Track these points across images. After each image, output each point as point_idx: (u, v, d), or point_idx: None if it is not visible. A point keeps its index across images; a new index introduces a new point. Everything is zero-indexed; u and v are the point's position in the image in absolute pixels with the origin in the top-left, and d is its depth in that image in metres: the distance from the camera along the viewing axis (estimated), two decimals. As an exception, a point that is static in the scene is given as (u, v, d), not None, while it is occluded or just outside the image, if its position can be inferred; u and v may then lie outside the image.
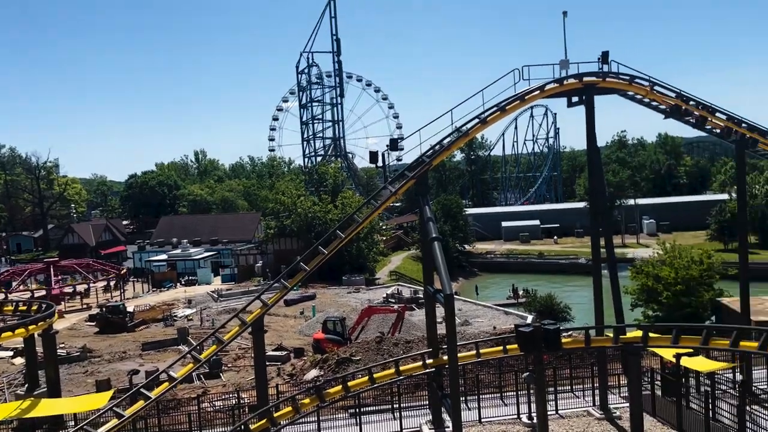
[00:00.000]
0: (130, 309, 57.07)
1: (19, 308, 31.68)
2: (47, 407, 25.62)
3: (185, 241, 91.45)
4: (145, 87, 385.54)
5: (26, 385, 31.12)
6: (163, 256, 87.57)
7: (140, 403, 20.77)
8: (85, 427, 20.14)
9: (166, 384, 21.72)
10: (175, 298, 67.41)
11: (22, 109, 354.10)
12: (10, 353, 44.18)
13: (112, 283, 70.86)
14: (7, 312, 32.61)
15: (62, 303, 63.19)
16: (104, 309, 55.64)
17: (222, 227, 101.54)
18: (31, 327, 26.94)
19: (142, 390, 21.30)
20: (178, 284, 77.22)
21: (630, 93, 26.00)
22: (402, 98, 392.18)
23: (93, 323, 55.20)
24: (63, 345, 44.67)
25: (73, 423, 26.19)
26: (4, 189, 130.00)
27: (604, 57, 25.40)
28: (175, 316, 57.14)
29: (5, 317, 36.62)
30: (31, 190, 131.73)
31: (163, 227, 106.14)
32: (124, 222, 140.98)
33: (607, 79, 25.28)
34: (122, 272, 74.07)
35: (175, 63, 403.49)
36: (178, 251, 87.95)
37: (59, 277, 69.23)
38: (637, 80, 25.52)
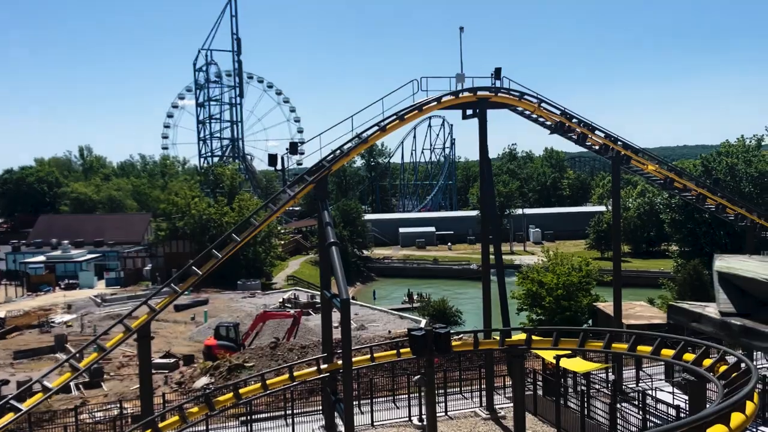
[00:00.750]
0: (1, 314, 52.70)
1: None
2: None
3: (66, 242, 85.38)
4: (25, 74, 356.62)
5: None
6: (41, 258, 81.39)
7: (10, 416, 19.18)
8: (-58, 444, 18.33)
9: (40, 395, 20.20)
10: (54, 303, 62.89)
11: None
12: None
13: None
14: None
15: None
16: (-30, 315, 50.98)
17: (108, 228, 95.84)
18: None
19: (11, 402, 19.68)
20: (57, 288, 72.13)
21: (519, 108, 27.43)
22: (304, 103, 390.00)
23: (-44, 330, 50.42)
24: None
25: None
26: None
27: (497, 73, 26.65)
28: (53, 322, 53.39)
29: None
30: None
31: (42, 227, 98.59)
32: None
33: (499, 95, 26.54)
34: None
35: (62, 49, 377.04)
36: (58, 252, 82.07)
37: None
38: (526, 96, 26.99)
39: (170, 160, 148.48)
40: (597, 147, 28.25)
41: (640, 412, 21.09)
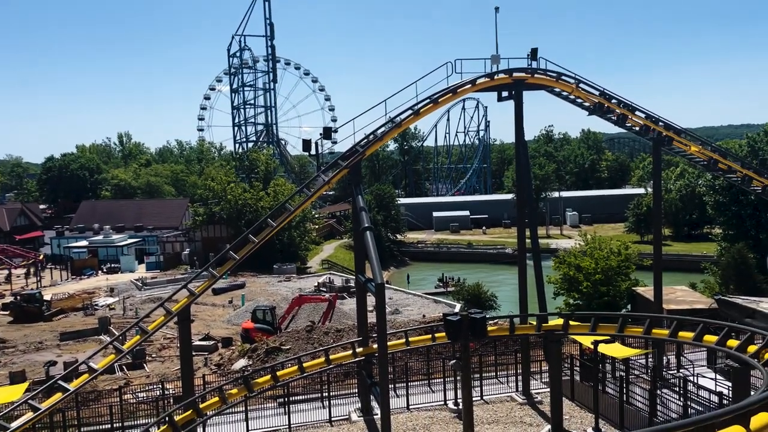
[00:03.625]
0: (47, 297, 54.45)
1: None
2: (-47, 402, 24.11)
3: (108, 227, 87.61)
4: (66, 66, 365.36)
5: (-70, 379, 29.17)
6: (84, 243, 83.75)
7: (58, 396, 19.90)
8: (-4, 421, 19.11)
9: (86, 375, 20.90)
10: (97, 286, 64.74)
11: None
12: None
13: (24, 271, 67.24)
14: None
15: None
16: (19, 297, 52.87)
17: (147, 213, 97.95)
18: (-65, 317, 25.21)
19: (59, 382, 20.40)
20: (100, 272, 74.20)
21: (557, 89, 26.86)
22: (337, 87, 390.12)
23: (6, 312, 52.36)
24: (-28, 336, 42.20)
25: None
26: None
27: (533, 54, 26.12)
28: (96, 305, 54.97)
29: None
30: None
31: (84, 212, 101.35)
32: (42, 206, 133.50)
33: (536, 76, 26.02)
34: (39, 259, 70.43)
35: (101, 38, 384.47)
36: (100, 237, 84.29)
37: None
38: (563, 77, 26.40)
39: (206, 146, 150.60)
40: (637, 128, 27.56)
41: (681, 399, 20.69)
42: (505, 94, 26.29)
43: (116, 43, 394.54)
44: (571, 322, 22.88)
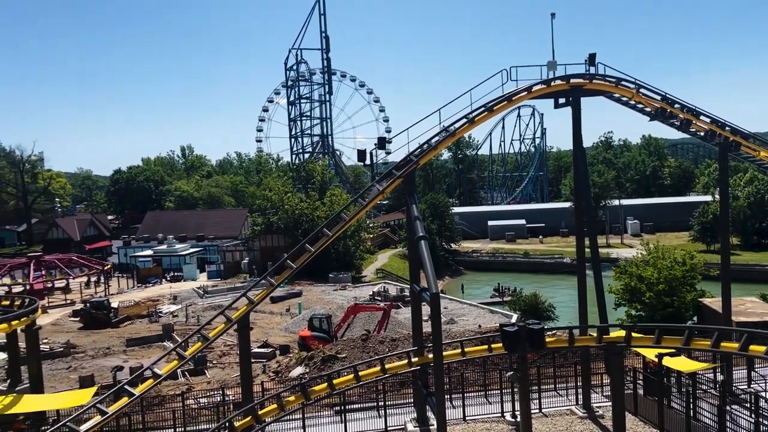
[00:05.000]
0: (114, 305, 56.63)
1: (1, 303, 31.31)
2: (29, 403, 25.35)
3: (171, 236, 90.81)
4: (132, 82, 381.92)
5: (8, 381, 30.76)
6: (149, 252, 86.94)
7: (124, 400, 20.65)
8: (68, 423, 19.99)
9: (151, 381, 21.61)
10: (160, 294, 67.00)
11: (7, 102, 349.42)
12: (-8, 348, 43.66)
13: (95, 279, 70.25)
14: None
15: (45, 298, 62.59)
16: (88, 304, 55.15)
17: (208, 223, 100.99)
18: (14, 322, 26.61)
19: (126, 387, 21.18)
20: (164, 280, 76.76)
21: (616, 95, 26.25)
22: (390, 97, 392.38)
23: (77, 319, 54.73)
24: (46, 340, 44.33)
25: (55, 419, 25.99)
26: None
27: (591, 59, 25.62)
28: (160, 312, 56.83)
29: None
30: (15, 183, 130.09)
31: (149, 223, 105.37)
32: (110, 217, 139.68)
33: (594, 81, 25.51)
34: (107, 267, 73.49)
35: (163, 58, 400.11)
36: (164, 247, 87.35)
37: (42, 272, 68.58)
38: (623, 82, 25.78)
39: (264, 158, 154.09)
40: (702, 133, 26.59)
41: (752, 415, 19.70)
42: (562, 100, 25.86)
43: (177, 60, 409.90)
44: (634, 334, 22.13)
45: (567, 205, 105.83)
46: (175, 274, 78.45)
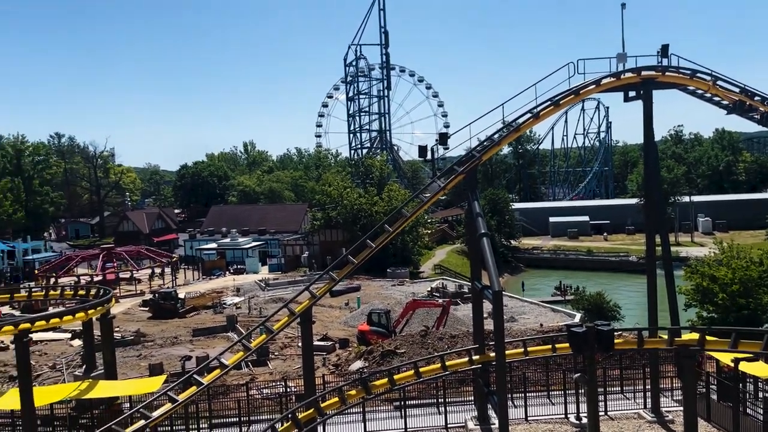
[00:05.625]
0: (181, 296, 58.52)
1: (78, 293, 32.91)
2: (104, 389, 26.60)
3: (234, 230, 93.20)
4: (196, 80, 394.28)
5: (84, 367, 32.33)
6: (213, 245, 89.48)
7: (193, 389, 21.31)
8: (140, 410, 20.81)
9: (218, 371, 22.23)
10: (224, 286, 68.87)
11: (82, 101, 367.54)
12: (69, 335, 46.01)
13: (159, 271, 72.80)
14: (67, 296, 33.91)
15: (117, 288, 65.45)
16: (157, 295, 57.24)
17: (269, 218, 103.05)
18: (90, 311, 27.92)
19: (194, 376, 21.86)
20: (227, 272, 78.84)
21: (690, 88, 25.12)
22: (449, 91, 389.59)
23: (146, 308, 56.90)
24: (118, 329, 46.22)
25: (128, 405, 27.12)
26: (64, 177, 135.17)
27: (664, 50, 24.61)
28: (224, 303, 58.39)
29: (65, 301, 38.12)
30: (88, 178, 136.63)
31: (213, 216, 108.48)
32: (176, 211, 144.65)
33: (667, 74, 24.49)
34: (174, 260, 76.09)
35: (226, 56, 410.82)
36: (228, 240, 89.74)
37: (114, 263, 71.69)
38: (698, 75, 24.64)
39: (323, 153, 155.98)
40: (785, 126, 25.07)
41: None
42: (632, 93, 24.95)
43: (240, 58, 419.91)
44: (708, 337, 21.18)
45: (633, 201, 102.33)
46: (238, 266, 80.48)
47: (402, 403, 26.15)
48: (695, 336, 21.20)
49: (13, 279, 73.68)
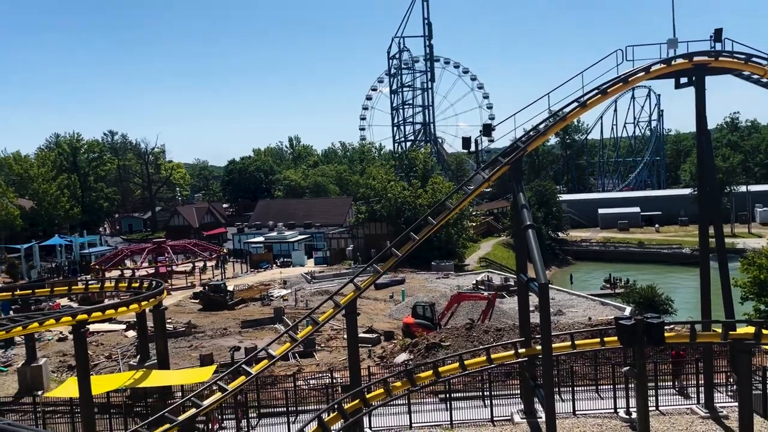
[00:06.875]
0: (230, 288, 59.77)
1: (132, 285, 34.11)
2: (157, 378, 27.54)
3: (280, 224, 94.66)
4: (243, 77, 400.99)
5: (138, 357, 33.50)
6: (260, 239, 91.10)
7: (242, 379, 21.81)
8: (192, 398, 21.44)
9: (266, 361, 22.68)
10: (271, 278, 70.04)
11: (135, 98, 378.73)
12: (124, 327, 47.68)
13: (211, 264, 74.62)
14: (122, 288, 35.18)
15: (168, 281, 67.34)
16: (207, 287, 58.64)
17: (315, 211, 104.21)
18: (143, 303, 28.92)
19: (243, 366, 22.37)
20: (274, 265, 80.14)
21: (746, 73, 24.13)
22: (494, 82, 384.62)
23: (197, 301, 58.33)
24: (170, 320, 47.62)
25: (179, 394, 27.98)
26: (117, 173, 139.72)
27: (717, 35, 23.68)
28: (272, 296, 59.40)
29: (119, 293, 39.54)
30: (141, 174, 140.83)
31: (260, 211, 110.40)
32: (224, 205, 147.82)
33: (720, 59, 23.56)
34: (223, 253, 77.80)
35: (271, 52, 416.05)
36: (274, 234, 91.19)
37: (166, 256, 73.81)
38: (754, 59, 23.61)
39: (367, 146, 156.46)
40: None
41: None
42: (684, 80, 24.11)
43: (285, 54, 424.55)
44: (764, 331, 20.41)
45: (687, 191, 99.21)
46: (285, 259, 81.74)
47: (447, 395, 26.14)
48: (751, 330, 20.47)
49: (71, 272, 76.82)
